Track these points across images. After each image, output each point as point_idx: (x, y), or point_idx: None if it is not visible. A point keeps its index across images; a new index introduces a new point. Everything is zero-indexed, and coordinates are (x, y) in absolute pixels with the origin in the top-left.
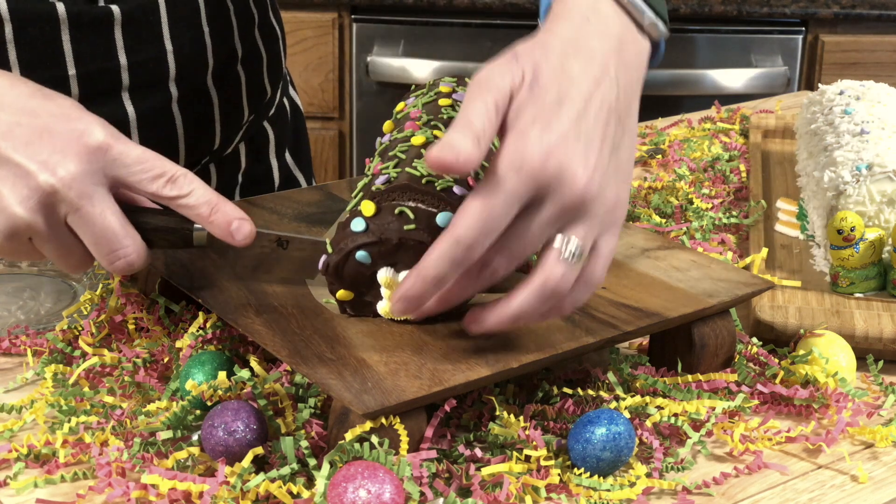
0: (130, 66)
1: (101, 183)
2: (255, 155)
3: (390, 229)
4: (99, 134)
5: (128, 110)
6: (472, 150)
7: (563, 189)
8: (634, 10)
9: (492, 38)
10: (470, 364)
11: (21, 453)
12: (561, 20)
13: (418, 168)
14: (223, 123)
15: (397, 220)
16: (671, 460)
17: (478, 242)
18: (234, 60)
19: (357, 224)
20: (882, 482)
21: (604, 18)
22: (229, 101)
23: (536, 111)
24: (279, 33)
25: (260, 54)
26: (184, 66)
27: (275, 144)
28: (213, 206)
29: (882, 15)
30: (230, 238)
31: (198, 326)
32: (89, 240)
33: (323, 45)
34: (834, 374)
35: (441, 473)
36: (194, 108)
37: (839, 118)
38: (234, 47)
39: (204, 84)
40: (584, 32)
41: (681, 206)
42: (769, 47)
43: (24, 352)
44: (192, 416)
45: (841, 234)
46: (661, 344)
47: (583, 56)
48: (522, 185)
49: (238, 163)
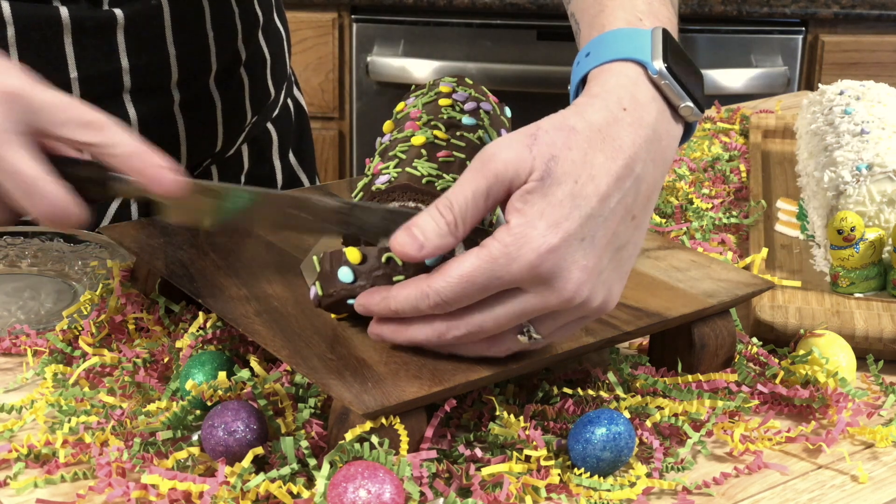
0: (132, 70)
1: (18, 131)
2: (257, 156)
3: (380, 277)
4: (15, 80)
5: (129, 113)
6: (439, 242)
7: (550, 291)
8: (673, 96)
9: (492, 38)
10: (470, 364)
11: (21, 453)
12: (595, 101)
13: (418, 168)
14: (225, 126)
15: (384, 267)
16: (671, 460)
17: (448, 304)
18: (238, 64)
19: (345, 275)
20: (882, 482)
21: (640, 107)
22: (232, 104)
23: (545, 206)
24: (283, 34)
25: (264, 57)
26: (186, 70)
27: (278, 145)
28: (138, 155)
29: (882, 15)
30: (155, 187)
31: (198, 326)
32: (9, 187)
33: (323, 45)
34: (834, 374)
35: (441, 473)
36: (196, 111)
37: (839, 118)
38: (237, 51)
39: (206, 87)
40: (616, 122)
41: (681, 206)
42: (769, 47)
43: (24, 352)
44: (192, 416)
45: (841, 234)
46: (661, 344)
47: (609, 149)
48: (510, 276)
49: (241, 164)
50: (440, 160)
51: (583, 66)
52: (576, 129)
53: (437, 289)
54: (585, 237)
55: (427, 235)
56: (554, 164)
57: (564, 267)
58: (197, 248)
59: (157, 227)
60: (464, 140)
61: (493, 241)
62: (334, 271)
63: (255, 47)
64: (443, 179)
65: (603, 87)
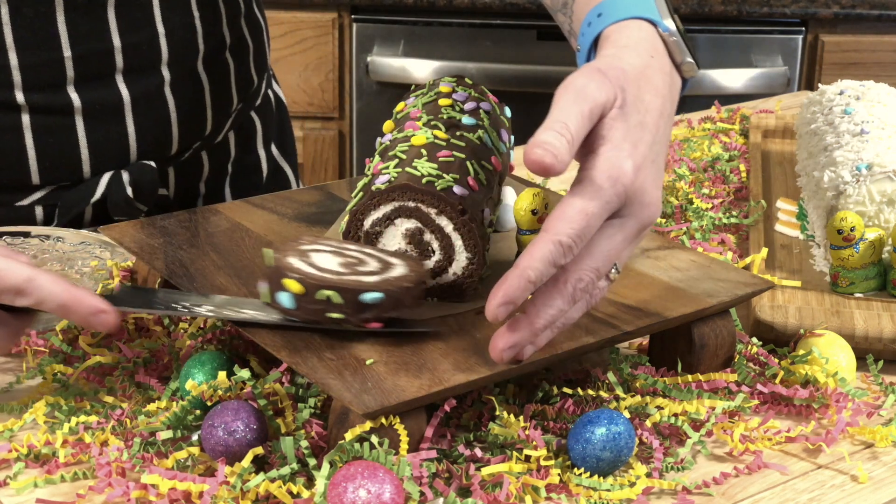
0: (124, 49)
1: None
2: (243, 144)
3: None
4: None
5: (122, 93)
6: (566, 154)
7: (643, 209)
8: (677, 53)
9: (492, 38)
10: (470, 364)
11: (21, 453)
12: (629, 51)
13: (418, 168)
14: (214, 109)
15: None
16: (671, 460)
17: (575, 244)
18: (223, 47)
19: (285, 300)
20: (882, 482)
21: (662, 56)
22: (219, 87)
23: (626, 130)
24: (263, 25)
25: (247, 44)
26: (176, 49)
27: (262, 135)
28: (68, 304)
29: (882, 15)
30: (93, 327)
31: (198, 326)
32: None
33: (323, 45)
34: (834, 374)
35: (441, 473)
36: (186, 92)
37: (839, 118)
38: (222, 34)
39: (195, 69)
40: (650, 67)
41: (681, 206)
42: (769, 47)
43: (24, 352)
44: (192, 416)
45: (841, 234)
46: (661, 344)
47: (651, 88)
48: (616, 196)
49: (228, 152)
50: (440, 160)
51: (596, 25)
52: (626, 70)
53: (564, 232)
54: (654, 160)
55: (558, 149)
56: (626, 95)
57: (648, 183)
58: (197, 248)
59: (157, 227)
60: (464, 140)
61: (592, 171)
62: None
63: (238, 33)
64: (443, 179)
65: (630, 39)
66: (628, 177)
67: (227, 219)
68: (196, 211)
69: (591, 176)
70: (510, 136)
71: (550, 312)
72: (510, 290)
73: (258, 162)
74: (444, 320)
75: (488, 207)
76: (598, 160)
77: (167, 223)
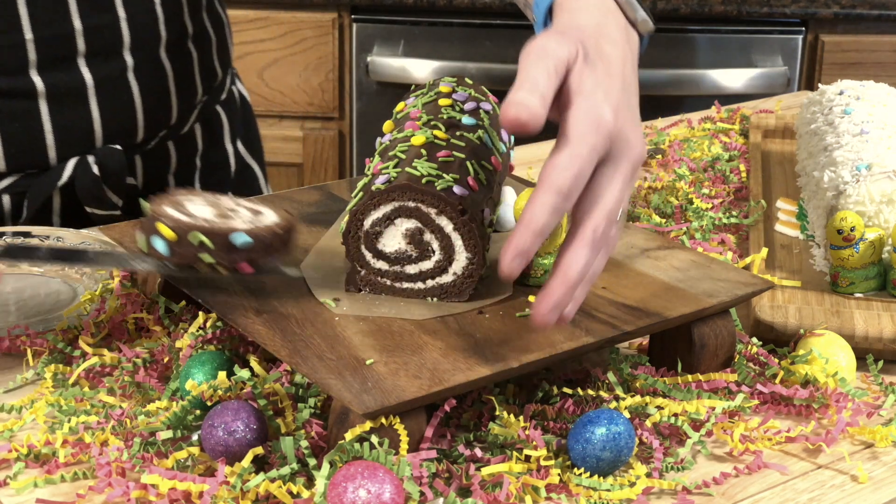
0: (86, 32)
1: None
2: (210, 138)
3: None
4: None
5: (85, 77)
6: (540, 108)
7: (630, 149)
8: (630, 11)
9: (492, 38)
10: (470, 364)
11: (21, 453)
12: (582, 13)
13: (418, 168)
14: (179, 97)
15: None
16: (671, 460)
17: (571, 190)
18: (186, 37)
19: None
20: (882, 482)
21: (616, 14)
22: (183, 76)
23: (595, 80)
24: (225, 21)
25: (209, 36)
26: (137, 35)
27: (229, 130)
28: None
29: (882, 15)
30: None
31: (198, 326)
32: None
33: (323, 45)
34: (834, 374)
35: (441, 473)
36: (150, 78)
37: (839, 118)
38: (184, 23)
39: (157, 56)
40: (606, 23)
41: (681, 206)
42: (769, 47)
43: (24, 352)
44: (192, 416)
45: (841, 234)
46: (661, 344)
47: (609, 41)
48: (601, 141)
49: (195, 144)
50: (440, 160)
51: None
52: (582, 28)
53: (559, 179)
54: (628, 103)
55: (531, 105)
56: (587, 49)
57: (628, 124)
58: None
59: None
60: (464, 140)
61: (572, 123)
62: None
63: (200, 24)
64: (443, 179)
65: (582, 3)
66: (608, 121)
67: None
68: None
69: (573, 127)
70: (510, 136)
71: (580, 263)
72: (519, 242)
73: (226, 157)
74: (444, 320)
75: (488, 207)
76: (576, 112)
77: None
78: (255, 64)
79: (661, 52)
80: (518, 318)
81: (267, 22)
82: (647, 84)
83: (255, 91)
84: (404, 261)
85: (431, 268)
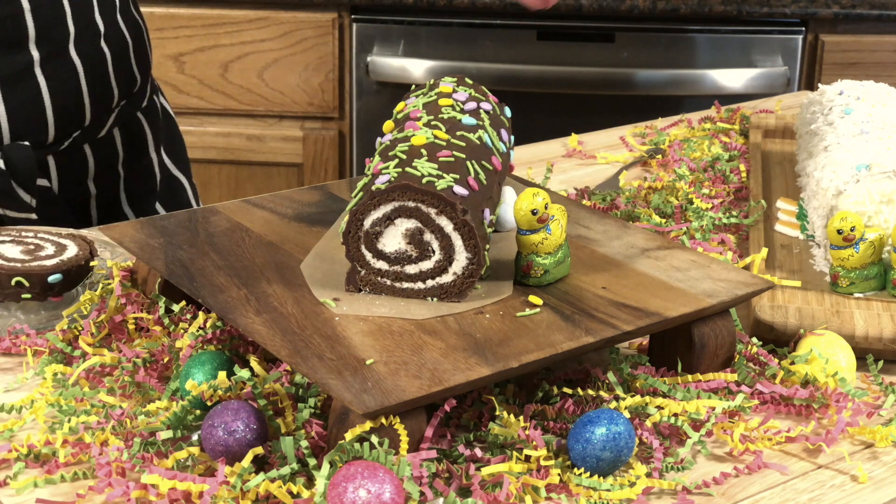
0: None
1: None
2: (132, 145)
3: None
4: None
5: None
6: None
7: None
8: None
9: (492, 38)
10: (470, 364)
11: (21, 453)
12: None
13: (418, 168)
14: (92, 97)
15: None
16: (671, 460)
17: None
18: (97, 35)
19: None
20: (882, 482)
21: None
22: (95, 76)
23: None
24: (143, 28)
25: (125, 38)
26: (42, 28)
27: (152, 139)
28: None
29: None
30: None
31: (198, 326)
32: None
33: (323, 45)
34: (834, 374)
35: (441, 473)
36: (58, 74)
37: (839, 118)
38: (94, 21)
39: (66, 52)
40: None
41: (681, 206)
42: (769, 47)
43: (24, 352)
44: (192, 416)
45: (841, 234)
46: (661, 344)
47: None
48: None
49: (115, 151)
50: (440, 160)
51: None
52: None
53: None
54: None
55: None
56: None
57: None
58: (197, 248)
59: (157, 227)
60: (464, 140)
61: None
62: None
63: (113, 26)
64: (443, 179)
65: None
66: None
67: (227, 219)
68: (196, 211)
69: None
70: (510, 136)
71: None
72: None
73: (151, 166)
74: (444, 320)
75: (488, 207)
76: None
77: (167, 223)
78: (255, 64)
79: (661, 52)
80: (518, 318)
81: (267, 22)
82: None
83: (255, 91)
84: (404, 261)
85: (431, 268)
